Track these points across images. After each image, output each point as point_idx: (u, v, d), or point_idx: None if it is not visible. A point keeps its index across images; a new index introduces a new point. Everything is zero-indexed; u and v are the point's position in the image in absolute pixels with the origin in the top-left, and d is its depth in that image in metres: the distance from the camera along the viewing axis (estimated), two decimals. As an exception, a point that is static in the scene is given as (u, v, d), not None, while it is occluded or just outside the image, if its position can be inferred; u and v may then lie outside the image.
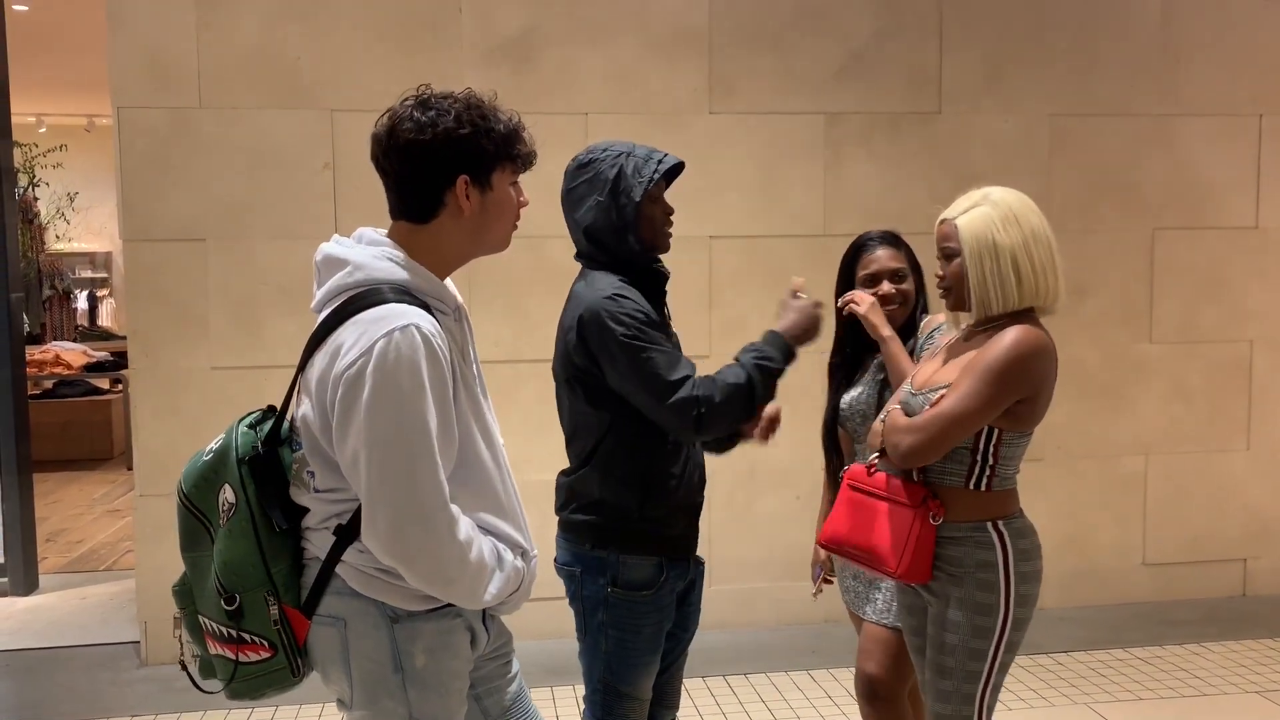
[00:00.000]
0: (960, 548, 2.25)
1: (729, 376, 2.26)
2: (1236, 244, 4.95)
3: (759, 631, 4.53)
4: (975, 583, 2.23)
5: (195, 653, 1.91)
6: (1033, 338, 2.20)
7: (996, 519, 2.25)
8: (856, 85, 4.61)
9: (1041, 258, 2.23)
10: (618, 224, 2.32)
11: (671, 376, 2.22)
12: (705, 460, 2.49)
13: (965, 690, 2.24)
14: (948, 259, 2.31)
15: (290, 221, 4.27)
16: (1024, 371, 2.18)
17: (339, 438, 1.70)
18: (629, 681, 2.38)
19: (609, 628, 2.35)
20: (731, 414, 2.26)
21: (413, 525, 1.68)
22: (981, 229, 2.23)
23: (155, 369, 4.24)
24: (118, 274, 12.29)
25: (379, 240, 1.83)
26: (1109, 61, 4.79)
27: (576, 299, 2.35)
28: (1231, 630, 4.53)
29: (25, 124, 10.58)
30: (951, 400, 2.19)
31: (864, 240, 2.75)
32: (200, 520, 1.83)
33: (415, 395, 1.67)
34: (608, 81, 4.45)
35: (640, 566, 2.34)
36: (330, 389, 1.70)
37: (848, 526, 2.39)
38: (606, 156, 2.34)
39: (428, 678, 1.79)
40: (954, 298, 2.33)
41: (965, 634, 2.23)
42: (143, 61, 4.18)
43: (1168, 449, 4.95)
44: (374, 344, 1.66)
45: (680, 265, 2.58)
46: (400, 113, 1.79)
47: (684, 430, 2.25)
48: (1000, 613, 2.21)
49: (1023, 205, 2.26)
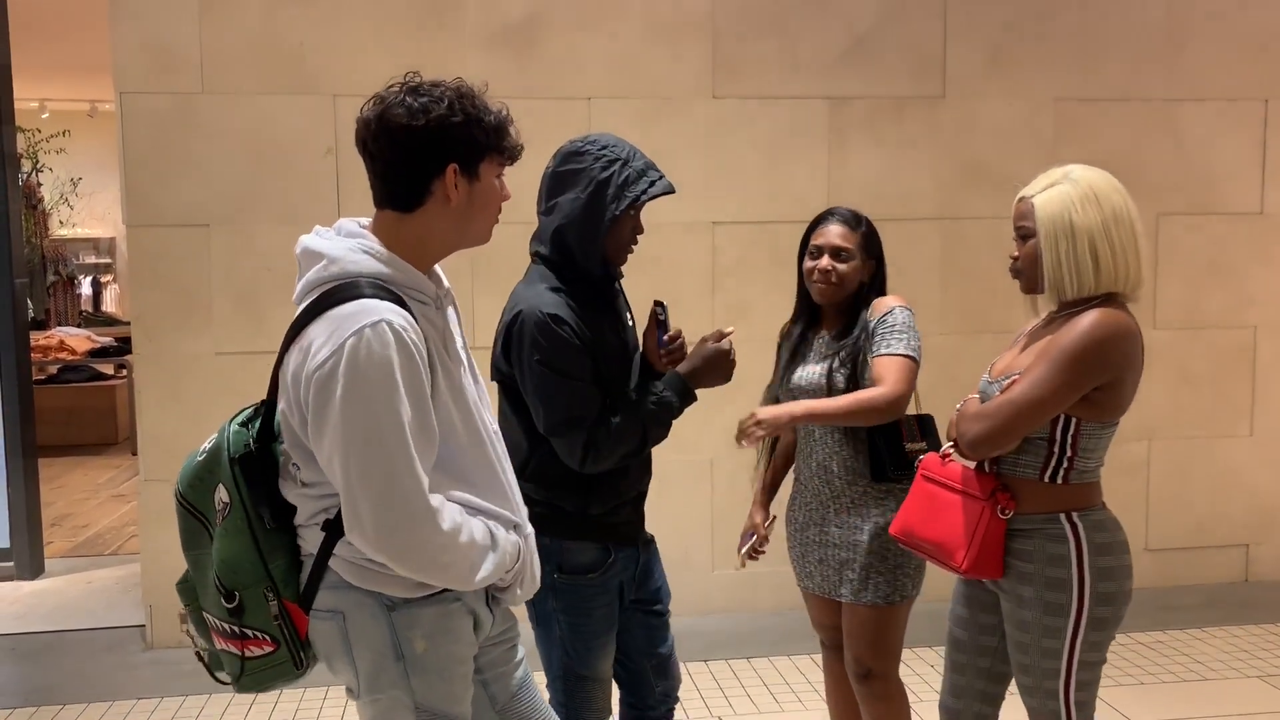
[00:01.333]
0: (1030, 540, 2.16)
1: (624, 420, 2.28)
2: (1241, 229, 4.93)
3: (761, 615, 4.55)
4: (1045, 580, 2.13)
5: (204, 647, 1.92)
6: (1113, 320, 2.08)
7: (1071, 511, 2.15)
8: (860, 70, 4.60)
9: (1123, 241, 2.10)
10: (586, 229, 2.27)
11: (570, 414, 2.24)
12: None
13: (1047, 686, 2.16)
14: (1023, 239, 2.20)
15: (293, 207, 4.27)
16: (1102, 356, 2.07)
17: (315, 437, 1.70)
18: (587, 664, 2.39)
19: (559, 613, 2.36)
20: (620, 454, 2.29)
21: (395, 523, 1.67)
22: (1059, 209, 2.11)
23: (159, 355, 4.25)
24: (121, 260, 12.29)
25: (357, 232, 1.80)
26: (1114, 46, 4.77)
27: (514, 301, 2.33)
28: (1233, 615, 4.54)
29: (28, 109, 10.56)
30: (1022, 387, 2.09)
31: (827, 213, 2.74)
32: (198, 519, 1.83)
33: (388, 392, 1.65)
34: (611, 67, 4.43)
35: (584, 551, 2.35)
36: (303, 387, 1.69)
37: (918, 518, 2.31)
38: (603, 156, 2.27)
39: (429, 663, 1.80)
40: (1026, 280, 2.22)
41: (1038, 633, 2.15)
42: (146, 47, 4.17)
43: (1171, 434, 4.95)
44: (344, 342, 1.65)
45: (684, 250, 2.58)
46: (390, 99, 1.77)
47: (570, 463, 2.27)
48: (1073, 611, 2.12)
49: (1106, 184, 2.13)
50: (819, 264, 2.66)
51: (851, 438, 2.64)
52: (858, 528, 2.63)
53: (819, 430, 2.68)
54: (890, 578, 2.60)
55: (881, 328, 2.60)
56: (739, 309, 4.45)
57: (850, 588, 2.64)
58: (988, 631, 2.31)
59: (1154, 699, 3.73)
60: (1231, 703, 3.70)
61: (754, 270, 4.51)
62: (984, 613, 2.31)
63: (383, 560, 1.71)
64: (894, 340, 2.57)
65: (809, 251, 2.71)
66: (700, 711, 3.68)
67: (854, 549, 2.63)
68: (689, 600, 4.54)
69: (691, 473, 4.47)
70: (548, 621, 2.38)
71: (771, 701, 3.76)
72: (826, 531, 2.69)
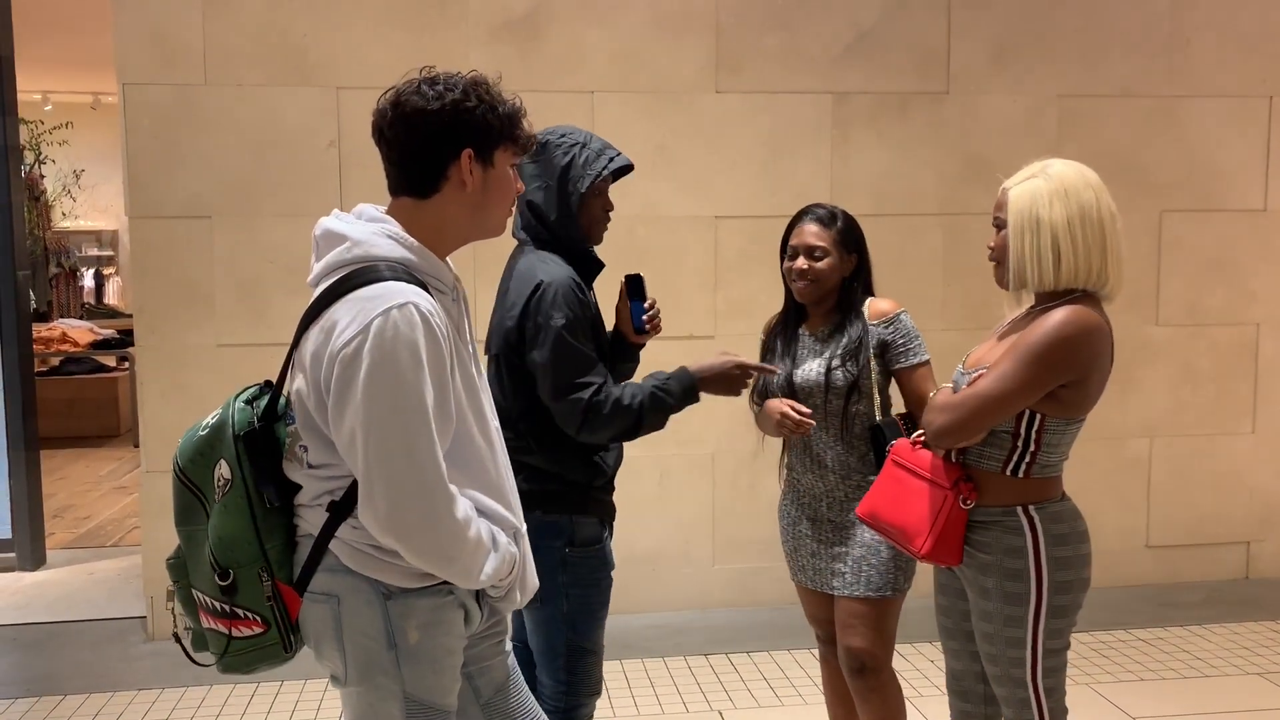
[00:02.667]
0: (989, 533, 2.21)
1: (626, 397, 2.37)
2: (1244, 226, 4.92)
3: (762, 610, 4.55)
4: (1004, 571, 2.18)
5: (188, 625, 1.91)
6: (1081, 318, 2.10)
7: (1029, 504, 2.18)
8: (864, 65, 4.59)
9: (1088, 239, 2.13)
10: (561, 211, 2.43)
11: (579, 379, 2.34)
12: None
13: (1014, 675, 2.21)
14: (998, 229, 2.24)
15: (296, 199, 4.27)
16: (1068, 355, 2.09)
17: (335, 416, 1.70)
18: (589, 637, 2.48)
19: (570, 588, 2.43)
20: (613, 431, 2.38)
21: (411, 503, 1.67)
22: (1028, 202, 2.15)
23: (161, 346, 4.26)
24: (124, 252, 12.29)
25: (379, 217, 1.81)
26: (1118, 42, 4.76)
27: (527, 273, 2.40)
28: (1234, 613, 4.54)
29: (31, 101, 10.56)
30: (987, 381, 2.13)
31: (802, 212, 2.76)
32: (195, 495, 1.83)
33: (413, 373, 1.66)
34: (614, 60, 4.43)
35: (588, 525, 2.46)
36: (325, 366, 1.69)
37: (885, 502, 2.37)
38: (562, 143, 2.43)
39: (421, 654, 1.79)
40: (1000, 270, 2.25)
41: (999, 623, 2.20)
42: (148, 38, 4.17)
43: (1173, 432, 4.94)
44: (371, 321, 1.65)
45: (686, 245, 2.59)
46: (406, 88, 1.80)
47: (567, 428, 2.37)
48: (1032, 600, 2.16)
49: (1079, 180, 2.15)
50: (795, 264, 2.70)
51: (847, 433, 2.65)
52: (850, 522, 2.65)
53: (813, 425, 2.68)
54: (883, 571, 2.61)
55: (899, 336, 2.67)
56: (741, 304, 4.45)
57: (843, 580, 2.66)
58: (969, 616, 2.35)
59: (1155, 695, 3.73)
60: (1232, 699, 3.70)
61: (756, 265, 4.50)
62: (961, 599, 2.35)
63: (391, 541, 1.71)
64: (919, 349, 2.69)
65: (786, 251, 2.73)
66: (700, 705, 3.69)
67: (847, 543, 2.65)
68: (689, 594, 4.54)
69: (693, 467, 4.46)
70: (553, 598, 2.42)
71: (772, 696, 3.76)
72: (819, 526, 2.71)
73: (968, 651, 2.36)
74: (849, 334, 2.65)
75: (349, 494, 1.75)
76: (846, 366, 2.63)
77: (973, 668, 2.36)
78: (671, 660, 4.05)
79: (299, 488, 1.82)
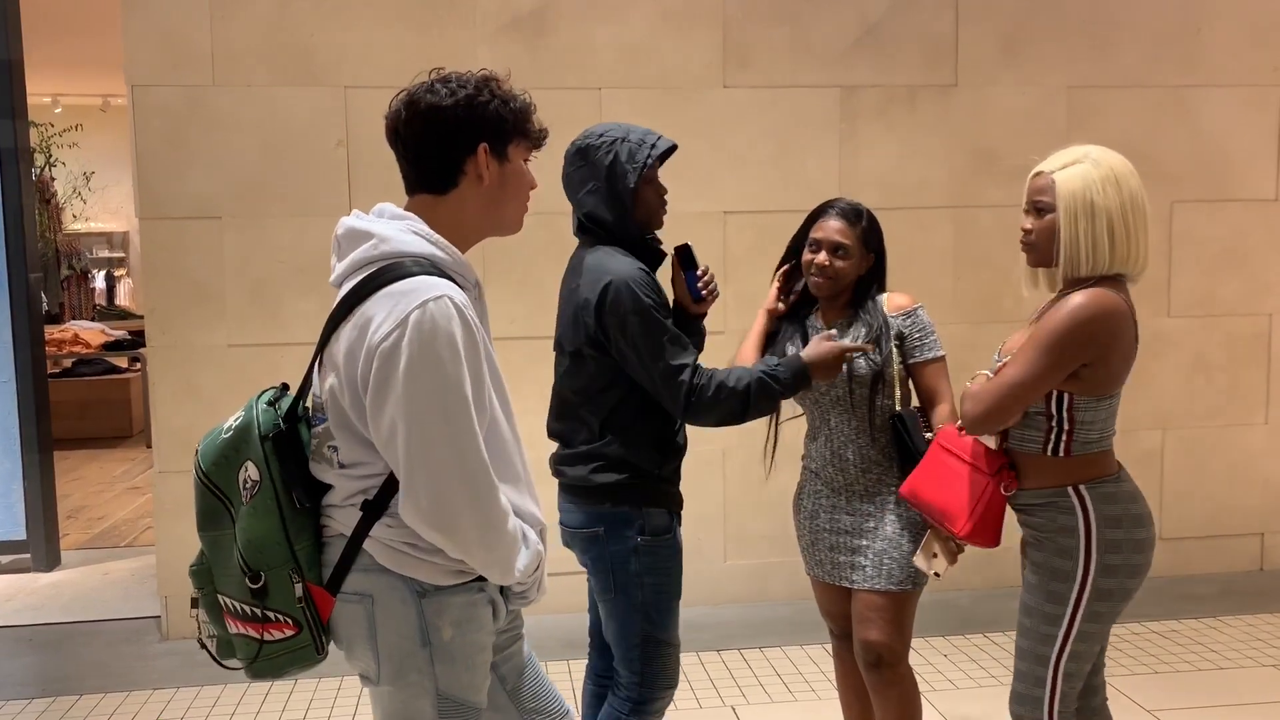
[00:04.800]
0: (1044, 513, 2.24)
1: (732, 380, 2.39)
2: (1256, 216, 4.90)
3: (774, 605, 4.55)
4: (1054, 548, 2.21)
5: (212, 633, 1.91)
6: (1098, 300, 2.14)
7: (1079, 483, 2.21)
8: (872, 58, 4.58)
9: (1136, 224, 2.18)
10: (615, 208, 2.43)
11: (675, 361, 2.36)
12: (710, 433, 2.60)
13: (1039, 652, 2.23)
14: (1039, 213, 2.25)
15: (305, 199, 4.28)
16: (1086, 336, 2.14)
17: (374, 410, 1.70)
18: (666, 628, 2.48)
19: (644, 576, 2.44)
20: (720, 413, 2.39)
21: (456, 492, 1.68)
22: (1081, 187, 2.17)
23: (173, 347, 4.27)
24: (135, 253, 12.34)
25: (402, 215, 1.83)
26: (1127, 32, 4.74)
27: (595, 270, 2.41)
28: (1248, 604, 4.52)
29: (41, 104, 10.60)
30: (1011, 369, 2.18)
31: (827, 205, 2.75)
32: (220, 499, 1.82)
33: (453, 365, 1.67)
34: (621, 56, 4.43)
35: (659, 515, 2.47)
36: (363, 362, 1.70)
37: (926, 482, 2.42)
38: (601, 143, 2.44)
39: (455, 651, 1.80)
40: (1038, 254, 2.27)
41: (1040, 598, 2.22)
42: (157, 40, 4.18)
43: (1186, 423, 4.92)
44: (408, 315, 1.66)
45: (694, 240, 2.59)
46: (418, 88, 1.82)
47: (674, 410, 2.41)
48: (1077, 580, 2.18)
49: (1124, 168, 2.20)
50: (817, 259, 2.68)
51: (869, 426, 2.64)
52: (870, 515, 2.64)
53: (835, 418, 2.68)
54: (904, 564, 2.60)
55: (916, 330, 2.67)
56: (750, 298, 4.42)
57: (863, 574, 2.65)
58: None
59: (1169, 688, 3.72)
60: (1247, 692, 3.69)
61: (765, 260, 4.45)
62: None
63: (435, 534, 1.71)
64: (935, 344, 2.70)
65: (809, 244, 2.72)
66: (713, 701, 3.69)
67: (866, 535, 2.64)
68: (702, 590, 4.54)
69: (703, 463, 4.45)
70: (627, 588, 2.44)
71: (785, 691, 3.76)
72: (837, 519, 2.70)
73: None
74: (868, 324, 2.66)
75: (382, 492, 1.76)
76: (869, 356, 2.63)
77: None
78: (684, 656, 4.03)
79: (326, 488, 1.82)
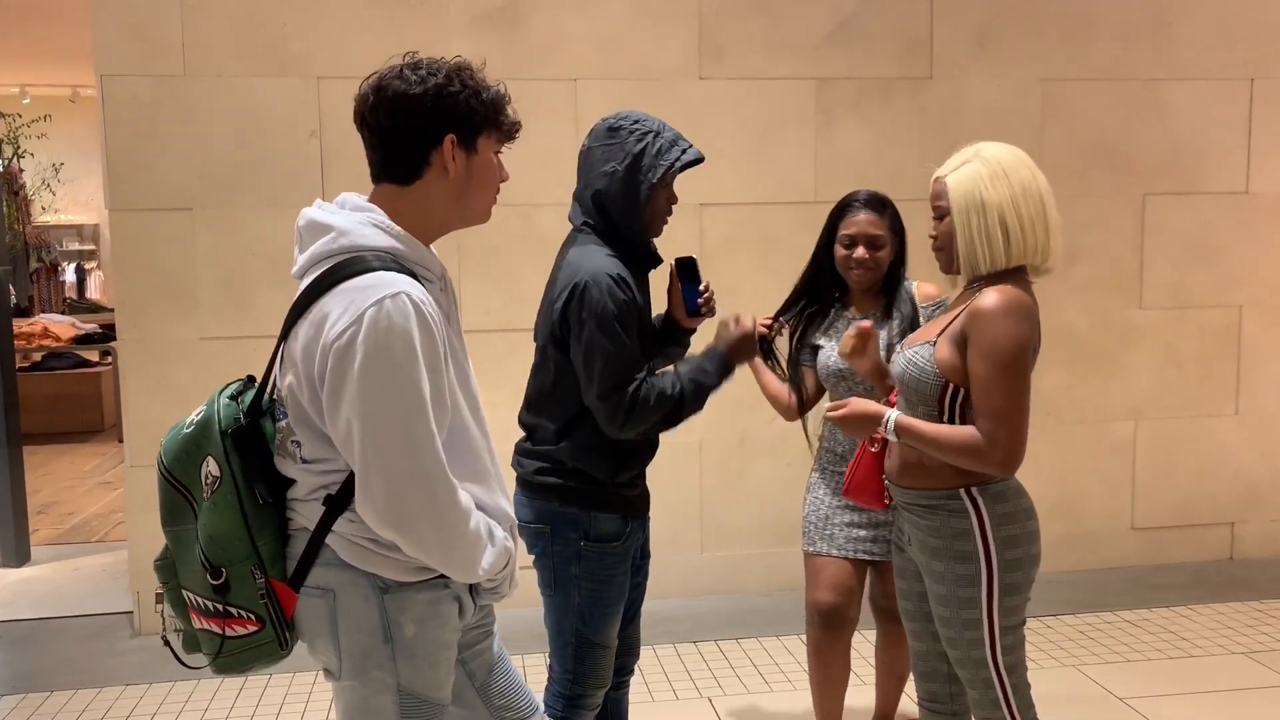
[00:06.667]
0: (936, 516, 2.23)
1: (667, 387, 2.36)
2: (1227, 209, 4.94)
3: (750, 597, 4.56)
4: (954, 554, 2.21)
5: (178, 627, 1.89)
6: (1018, 303, 2.13)
7: (970, 485, 2.20)
8: (847, 50, 4.58)
9: (1031, 213, 2.16)
10: (627, 199, 2.38)
11: (615, 379, 2.31)
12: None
13: (974, 656, 2.23)
14: (939, 218, 2.27)
15: (277, 190, 4.24)
16: (1026, 333, 2.12)
17: (330, 408, 1.67)
18: (600, 631, 2.47)
19: (582, 580, 2.43)
20: (655, 420, 2.36)
21: (411, 493, 1.66)
22: (969, 186, 2.18)
23: (144, 340, 4.23)
24: (105, 246, 12.20)
25: (364, 206, 1.79)
26: (1101, 26, 4.76)
27: (572, 265, 2.38)
28: (1219, 593, 4.57)
29: (9, 95, 10.46)
30: (995, 401, 2.10)
31: (850, 200, 2.80)
32: (182, 494, 1.80)
33: (409, 363, 1.64)
34: (597, 47, 4.41)
35: (609, 521, 2.44)
36: (319, 360, 1.67)
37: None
38: (636, 129, 2.38)
39: (417, 648, 1.79)
40: (945, 257, 2.29)
41: (954, 606, 2.22)
42: (126, 30, 4.13)
43: (1157, 414, 4.97)
44: (364, 312, 1.63)
45: (671, 233, 2.58)
46: (388, 73, 1.77)
47: (607, 426, 2.35)
48: (983, 582, 2.18)
49: (1014, 160, 2.20)
50: (855, 254, 2.74)
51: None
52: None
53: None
54: None
55: (939, 313, 2.69)
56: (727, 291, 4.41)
57: (833, 544, 2.76)
58: (926, 598, 2.37)
59: (1140, 676, 3.76)
60: (1217, 679, 3.73)
61: (742, 252, 4.50)
62: (918, 582, 2.38)
63: (390, 534, 1.69)
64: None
65: (840, 240, 2.76)
66: (690, 692, 3.69)
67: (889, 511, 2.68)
68: (677, 582, 4.55)
69: (680, 455, 4.45)
70: (566, 588, 2.43)
71: (760, 682, 3.77)
72: None
73: (929, 632, 2.39)
74: (901, 314, 2.69)
75: (344, 488, 1.74)
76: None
77: (935, 648, 2.39)
78: (660, 648, 4.05)
79: (290, 483, 1.80)
